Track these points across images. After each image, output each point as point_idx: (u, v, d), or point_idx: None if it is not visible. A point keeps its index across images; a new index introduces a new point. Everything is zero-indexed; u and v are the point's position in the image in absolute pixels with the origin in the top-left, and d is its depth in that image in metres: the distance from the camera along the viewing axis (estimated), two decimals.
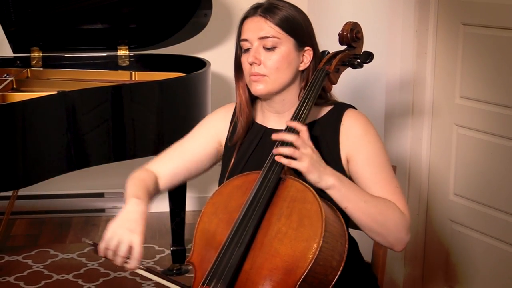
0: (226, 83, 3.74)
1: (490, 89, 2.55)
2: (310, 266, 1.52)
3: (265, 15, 1.77)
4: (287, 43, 1.78)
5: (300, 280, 1.53)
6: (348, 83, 2.89)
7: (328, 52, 1.86)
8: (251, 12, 1.80)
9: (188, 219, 3.45)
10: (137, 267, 1.63)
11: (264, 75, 1.77)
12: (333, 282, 1.57)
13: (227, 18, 3.82)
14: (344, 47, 1.88)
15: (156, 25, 3.48)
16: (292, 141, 1.63)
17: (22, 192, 3.63)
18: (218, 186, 1.81)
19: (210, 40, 3.85)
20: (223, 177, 1.86)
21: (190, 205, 3.84)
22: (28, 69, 3.36)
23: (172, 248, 3.34)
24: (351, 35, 1.84)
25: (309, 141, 1.66)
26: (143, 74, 3.34)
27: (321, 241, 1.53)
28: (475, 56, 2.60)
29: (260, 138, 1.85)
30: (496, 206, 2.58)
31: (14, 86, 3.14)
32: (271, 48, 1.77)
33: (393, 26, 2.86)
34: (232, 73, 1.88)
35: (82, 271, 3.33)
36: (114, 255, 1.63)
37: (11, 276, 3.27)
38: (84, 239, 1.70)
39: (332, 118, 1.81)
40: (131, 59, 3.53)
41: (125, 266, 1.64)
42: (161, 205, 3.58)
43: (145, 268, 1.65)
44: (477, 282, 2.69)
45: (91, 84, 2.98)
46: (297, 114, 1.73)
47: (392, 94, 2.90)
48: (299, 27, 1.79)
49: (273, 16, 1.77)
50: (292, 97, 1.82)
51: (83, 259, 3.44)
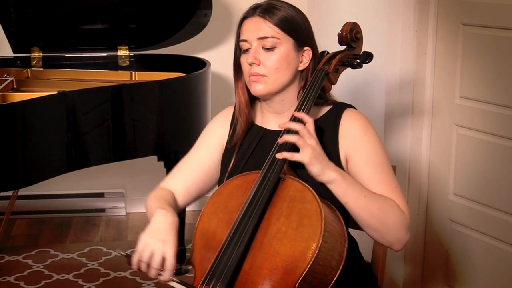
0: (226, 83, 3.74)
1: (490, 89, 2.55)
2: (309, 265, 1.52)
3: (264, 15, 1.77)
4: (286, 43, 1.78)
5: (300, 279, 1.53)
6: (348, 83, 2.89)
7: (328, 52, 1.86)
8: (250, 12, 1.80)
9: (188, 219, 3.44)
10: (170, 279, 1.60)
11: (264, 75, 1.77)
12: (333, 282, 1.57)
13: (227, 18, 3.82)
14: (343, 47, 1.88)
15: (156, 25, 3.48)
16: (298, 129, 1.64)
17: (22, 192, 3.64)
18: (218, 187, 1.81)
19: (210, 40, 3.85)
20: (223, 178, 1.86)
21: (190, 205, 3.84)
22: (28, 69, 3.36)
23: None
24: (351, 35, 1.84)
25: (314, 133, 1.66)
26: (143, 74, 3.34)
27: (320, 241, 1.53)
28: (475, 56, 2.60)
29: (259, 139, 1.85)
30: (496, 206, 2.58)
31: (14, 86, 3.14)
32: (270, 49, 1.76)
33: (393, 26, 2.86)
34: (232, 73, 1.88)
35: (82, 271, 3.33)
36: (148, 267, 1.61)
37: (11, 276, 3.27)
38: (118, 251, 1.66)
39: (331, 118, 1.81)
40: (131, 59, 3.53)
41: (159, 278, 1.61)
42: None
43: (179, 280, 1.61)
44: (477, 282, 2.69)
45: (91, 84, 2.98)
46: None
47: (392, 94, 2.90)
48: (298, 27, 1.79)
49: (272, 16, 1.77)
50: (291, 97, 1.82)
51: (83, 259, 3.44)
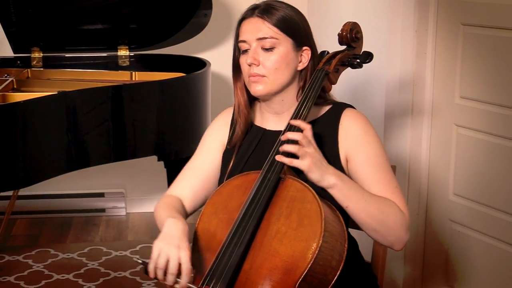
0: (226, 83, 3.75)
1: (489, 89, 2.55)
2: (309, 265, 1.52)
3: (263, 15, 1.77)
4: (285, 43, 1.78)
5: (300, 279, 1.53)
6: (347, 83, 2.90)
7: (328, 52, 1.86)
8: (249, 13, 1.80)
9: (188, 219, 3.43)
10: (188, 286, 1.58)
11: (263, 76, 1.77)
12: (333, 282, 1.57)
13: (227, 18, 3.82)
14: (343, 47, 1.88)
15: (156, 25, 3.48)
16: (298, 139, 1.63)
17: (22, 192, 3.64)
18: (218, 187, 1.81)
19: (210, 40, 3.85)
20: (223, 178, 1.86)
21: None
22: (29, 69, 3.36)
23: None
24: (351, 35, 1.84)
25: (313, 139, 1.66)
26: (143, 74, 3.34)
27: (320, 241, 1.54)
28: (474, 56, 2.60)
29: (259, 140, 1.85)
30: (495, 206, 2.58)
31: (15, 86, 3.14)
32: (269, 49, 1.77)
33: (393, 26, 2.86)
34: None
35: (82, 270, 3.33)
36: (165, 274, 1.58)
37: (11, 276, 3.27)
38: (137, 259, 1.63)
39: (330, 117, 1.81)
40: (131, 59, 3.53)
41: (175, 286, 1.58)
42: None
43: (197, 287, 1.59)
44: (476, 282, 2.69)
45: (91, 84, 2.98)
46: (297, 114, 1.73)
47: (392, 94, 2.90)
48: (297, 27, 1.79)
49: (271, 16, 1.77)
50: (291, 97, 1.83)
51: (84, 259, 3.45)
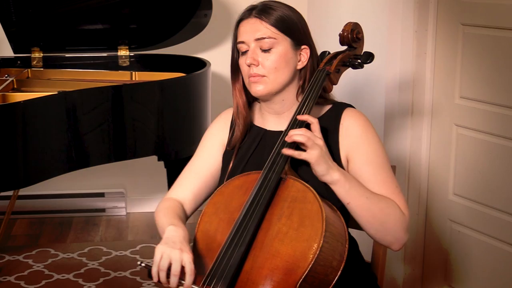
0: (226, 83, 3.75)
1: (489, 89, 2.55)
2: (310, 266, 1.53)
3: (260, 16, 1.77)
4: (284, 43, 1.78)
5: (301, 280, 1.53)
6: (347, 83, 2.90)
7: (329, 53, 1.86)
8: (246, 14, 1.80)
9: (188, 219, 3.44)
10: (192, 287, 1.57)
11: (263, 76, 1.77)
12: (334, 282, 1.58)
13: (227, 18, 3.82)
14: (344, 47, 1.88)
15: (156, 25, 3.48)
16: (305, 133, 1.64)
17: (22, 192, 3.64)
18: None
19: (210, 40, 3.85)
20: (223, 179, 1.86)
21: None
22: (29, 69, 3.36)
23: None
24: (352, 35, 1.84)
25: (320, 133, 1.67)
26: (143, 74, 3.34)
27: (321, 241, 1.54)
28: (474, 56, 2.60)
29: (259, 140, 1.85)
30: (495, 206, 2.58)
31: (15, 86, 3.14)
32: (268, 49, 1.77)
33: (393, 27, 2.86)
34: None
35: (82, 270, 3.33)
36: (168, 277, 1.58)
37: (11, 276, 3.27)
38: (140, 262, 1.62)
39: (331, 117, 1.81)
40: (131, 59, 3.53)
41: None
42: None
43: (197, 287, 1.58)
44: (476, 282, 2.70)
45: (91, 84, 2.98)
46: (298, 114, 1.73)
47: (392, 94, 2.90)
48: (295, 26, 1.79)
49: (268, 16, 1.77)
50: (291, 96, 1.83)
51: (84, 259, 3.45)
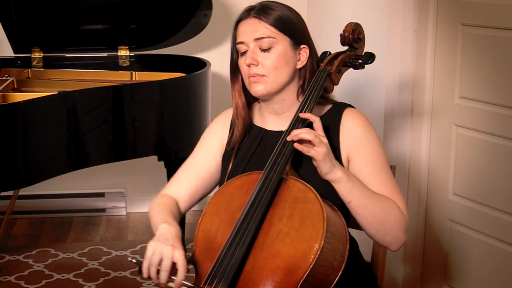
0: (226, 83, 3.74)
1: (489, 89, 2.56)
2: (311, 266, 1.53)
3: (259, 16, 1.78)
4: (283, 42, 1.78)
5: (302, 280, 1.53)
6: (347, 84, 2.90)
7: (330, 53, 1.86)
8: (245, 14, 1.81)
9: (188, 219, 3.45)
10: (182, 284, 1.56)
11: (263, 75, 1.77)
12: (334, 282, 1.58)
13: (227, 18, 3.82)
14: (345, 48, 1.88)
15: (156, 25, 3.48)
16: (310, 132, 1.64)
17: (22, 192, 3.64)
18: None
19: (210, 40, 3.85)
20: (223, 180, 1.86)
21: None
22: (29, 69, 3.36)
23: None
24: (353, 36, 1.84)
25: (323, 131, 1.68)
26: (144, 74, 3.35)
27: (322, 242, 1.54)
28: (474, 56, 2.61)
29: (260, 140, 1.85)
30: (495, 205, 2.58)
31: (15, 86, 3.14)
32: (267, 49, 1.77)
33: (393, 27, 2.86)
34: None
35: (82, 270, 3.33)
36: (158, 272, 1.57)
37: (12, 276, 3.27)
38: (131, 258, 1.61)
39: (331, 117, 1.81)
40: (132, 59, 3.53)
41: (169, 284, 1.57)
42: None
43: (192, 285, 1.56)
44: (476, 281, 2.70)
45: (91, 84, 2.99)
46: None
47: (392, 94, 2.90)
48: (294, 25, 1.80)
49: (267, 16, 1.77)
50: (291, 96, 1.83)
51: (84, 259, 3.45)
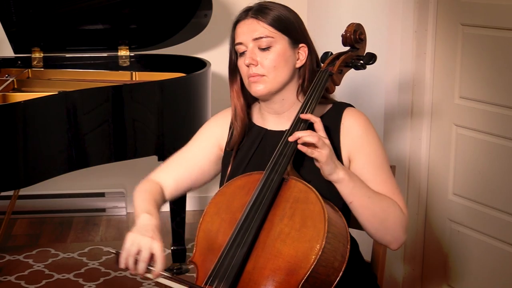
0: (226, 83, 3.71)
1: (489, 89, 2.56)
2: (312, 266, 1.53)
3: (257, 16, 1.78)
4: (282, 41, 1.78)
5: (303, 280, 1.53)
6: (347, 84, 2.89)
7: (331, 53, 1.86)
8: (243, 15, 1.81)
9: (188, 218, 3.45)
10: (160, 275, 1.56)
11: (263, 75, 1.78)
12: (335, 283, 1.58)
13: (227, 18, 3.79)
14: (347, 48, 1.88)
15: (156, 25, 3.49)
16: (313, 134, 1.64)
17: (23, 192, 3.64)
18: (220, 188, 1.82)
19: (210, 40, 3.85)
20: (223, 180, 1.86)
21: (191, 205, 3.85)
22: (29, 69, 3.36)
23: (172, 248, 3.34)
24: (354, 36, 1.84)
25: (324, 132, 1.68)
26: (144, 74, 3.35)
27: (323, 242, 1.54)
28: (474, 57, 2.61)
29: (260, 140, 1.86)
30: (495, 205, 2.59)
31: (15, 86, 3.15)
32: (266, 48, 1.77)
33: (393, 27, 2.86)
34: None
35: (83, 270, 3.33)
36: (136, 263, 1.57)
37: (12, 276, 3.27)
38: (108, 249, 1.61)
39: (331, 117, 1.82)
40: (132, 59, 3.53)
41: (147, 275, 1.57)
42: None
43: (170, 275, 1.56)
44: (475, 281, 2.70)
45: (91, 84, 2.99)
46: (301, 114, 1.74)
47: (392, 94, 2.90)
48: (292, 25, 1.80)
49: (265, 16, 1.78)
50: (291, 95, 1.83)
51: (84, 259, 3.45)
